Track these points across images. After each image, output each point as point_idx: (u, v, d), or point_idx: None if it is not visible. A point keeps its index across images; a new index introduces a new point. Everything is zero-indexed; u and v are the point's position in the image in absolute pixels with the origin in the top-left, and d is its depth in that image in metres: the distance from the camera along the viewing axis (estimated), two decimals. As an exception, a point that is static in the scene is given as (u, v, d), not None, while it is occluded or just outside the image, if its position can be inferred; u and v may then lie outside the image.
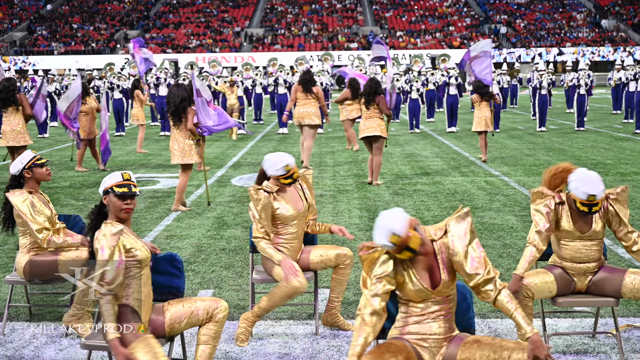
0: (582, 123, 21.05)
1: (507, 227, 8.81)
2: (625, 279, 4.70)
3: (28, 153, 5.60)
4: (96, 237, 4.10)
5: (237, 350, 5.23)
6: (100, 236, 4.07)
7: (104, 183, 4.26)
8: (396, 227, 3.55)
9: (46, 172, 5.65)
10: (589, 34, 60.91)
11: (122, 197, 4.20)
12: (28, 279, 5.50)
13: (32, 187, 5.58)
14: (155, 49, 59.26)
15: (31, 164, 5.55)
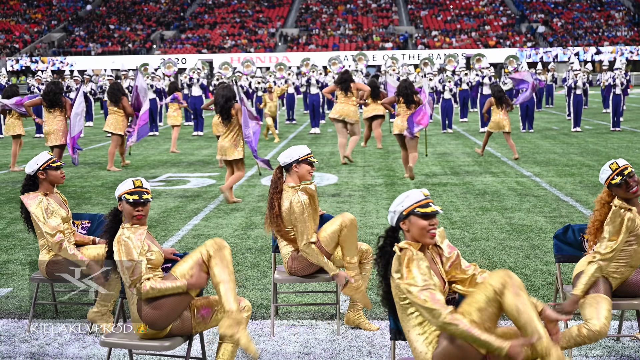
0: (617, 123, 20.73)
1: (536, 228, 8.71)
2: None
3: (44, 155, 5.64)
4: (118, 239, 4.21)
5: (258, 349, 5.24)
6: (124, 238, 4.19)
7: (117, 190, 4.43)
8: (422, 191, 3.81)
9: (60, 175, 5.66)
10: (628, 32, 59.95)
11: (133, 204, 4.30)
12: (50, 278, 5.57)
13: (47, 188, 5.61)
14: (190, 49, 59.77)
15: (46, 166, 5.57)
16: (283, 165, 5.52)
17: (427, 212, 3.69)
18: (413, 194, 3.78)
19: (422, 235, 3.71)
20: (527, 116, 21.24)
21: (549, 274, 6.80)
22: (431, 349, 3.59)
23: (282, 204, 5.47)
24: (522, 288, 3.53)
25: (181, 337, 4.35)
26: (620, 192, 4.61)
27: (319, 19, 65.94)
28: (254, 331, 5.59)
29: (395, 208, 3.80)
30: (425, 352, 3.60)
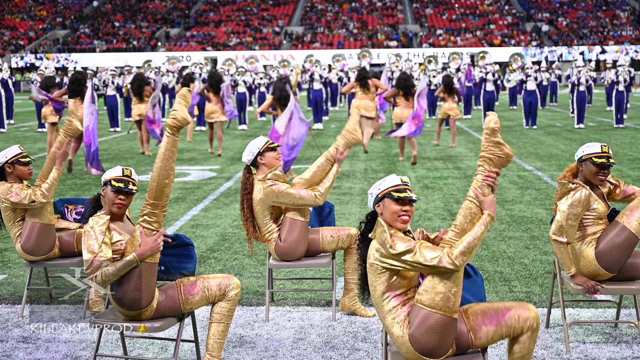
0: (621, 120, 20.64)
1: (537, 219, 8.66)
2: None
3: (15, 148, 5.52)
4: (84, 229, 4.16)
5: (252, 334, 5.21)
6: (88, 228, 4.13)
7: (105, 174, 4.36)
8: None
9: (27, 171, 5.53)
10: (633, 32, 59.77)
11: (117, 191, 4.25)
12: (31, 260, 5.54)
13: (14, 182, 5.50)
14: (195, 47, 59.78)
15: (14, 160, 5.47)
16: (249, 163, 5.45)
17: (401, 197, 3.67)
18: (391, 178, 3.78)
19: (394, 219, 3.68)
20: (530, 113, 21.17)
21: (547, 264, 6.75)
22: (406, 331, 3.57)
23: (254, 201, 5.41)
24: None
25: (173, 318, 4.31)
26: (588, 173, 4.69)
27: (324, 17, 65.88)
28: (249, 317, 5.56)
29: (372, 190, 3.80)
30: (402, 336, 3.59)
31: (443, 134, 18.91)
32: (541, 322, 5.22)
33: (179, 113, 4.15)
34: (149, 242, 4.08)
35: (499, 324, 3.60)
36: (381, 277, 3.61)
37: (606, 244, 4.61)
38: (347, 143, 5.60)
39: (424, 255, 3.49)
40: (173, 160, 4.13)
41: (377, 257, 3.61)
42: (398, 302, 3.61)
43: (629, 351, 4.76)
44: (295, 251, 5.41)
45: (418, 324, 3.54)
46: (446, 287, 3.50)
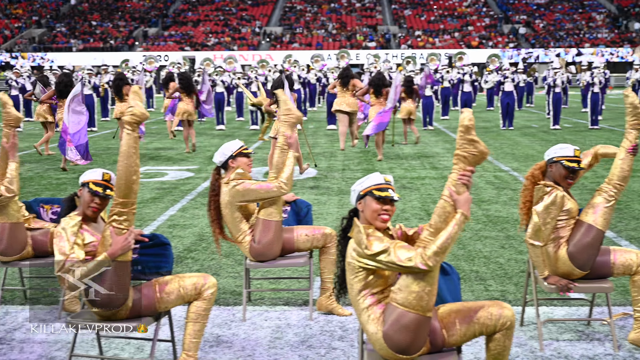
0: (596, 121, 20.85)
1: (512, 219, 8.74)
2: (613, 257, 4.69)
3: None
4: (56, 230, 4.14)
5: (229, 334, 5.22)
6: (60, 229, 4.12)
7: (84, 175, 4.34)
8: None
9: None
10: (608, 34, 60.39)
11: (94, 195, 4.24)
12: (4, 260, 5.49)
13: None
14: (173, 47, 59.54)
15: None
16: (219, 164, 5.44)
17: (382, 196, 3.70)
18: (374, 176, 3.81)
19: (374, 218, 3.72)
20: (507, 114, 21.33)
21: (522, 263, 6.82)
22: (380, 328, 3.60)
23: (221, 204, 5.39)
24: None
25: (150, 318, 4.30)
26: (558, 175, 4.75)
27: (303, 18, 65.89)
28: (226, 316, 5.56)
29: (355, 187, 3.83)
30: (376, 333, 3.61)
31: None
32: (516, 320, 5.28)
33: (136, 109, 4.14)
34: (119, 241, 4.07)
35: (472, 322, 3.64)
36: (358, 275, 3.64)
37: (576, 244, 4.68)
38: (290, 125, 5.62)
39: (398, 256, 3.51)
40: (137, 156, 4.11)
41: (354, 256, 3.64)
42: (374, 300, 3.64)
43: (601, 348, 4.83)
44: (270, 252, 5.41)
45: (392, 322, 3.57)
46: (420, 286, 3.53)
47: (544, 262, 4.71)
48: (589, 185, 10.71)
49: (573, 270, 4.68)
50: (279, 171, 5.45)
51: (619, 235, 7.84)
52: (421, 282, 3.53)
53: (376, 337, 3.61)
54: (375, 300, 3.65)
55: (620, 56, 56.08)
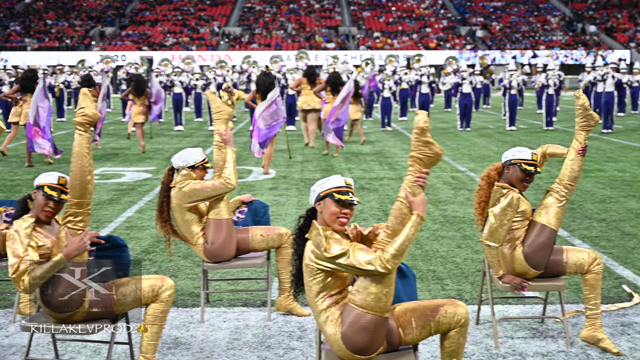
0: (550, 123, 21.21)
1: (469, 219, 8.85)
2: (566, 257, 4.79)
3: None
4: (9, 233, 4.09)
5: (187, 335, 5.20)
6: (12, 232, 4.07)
7: (40, 178, 4.29)
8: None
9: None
10: (563, 37, 61.42)
11: (49, 198, 4.20)
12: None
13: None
14: (130, 47, 58.94)
15: None
16: (176, 167, 5.42)
17: (342, 199, 3.72)
18: (335, 178, 3.82)
19: (332, 220, 3.73)
20: (465, 115, 21.57)
21: (478, 262, 6.92)
22: (338, 329, 3.63)
23: (171, 207, 5.37)
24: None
25: (107, 320, 4.27)
26: (514, 178, 4.83)
27: (262, 18, 65.75)
28: (184, 318, 5.54)
29: (315, 188, 3.84)
30: (334, 334, 3.64)
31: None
32: (471, 319, 5.37)
33: (88, 110, 4.12)
34: (75, 242, 4.04)
35: (427, 320, 3.69)
36: (316, 277, 3.66)
37: (531, 244, 4.77)
38: (222, 121, 5.68)
39: (358, 259, 3.53)
40: (90, 156, 4.09)
41: (312, 258, 3.65)
42: (332, 301, 3.67)
43: (554, 345, 4.93)
44: (224, 252, 5.40)
45: (350, 323, 3.60)
46: (378, 288, 3.57)
47: (499, 262, 4.79)
48: (544, 186, 10.89)
49: (528, 270, 4.77)
50: (221, 169, 5.48)
51: (572, 235, 8.00)
52: (379, 283, 3.56)
53: (334, 338, 3.64)
54: (333, 302, 3.67)
55: (575, 58, 57.07)
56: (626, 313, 5.52)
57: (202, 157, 5.44)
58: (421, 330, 3.69)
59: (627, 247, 7.44)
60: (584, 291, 4.82)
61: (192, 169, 5.39)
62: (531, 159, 4.81)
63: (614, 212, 9.22)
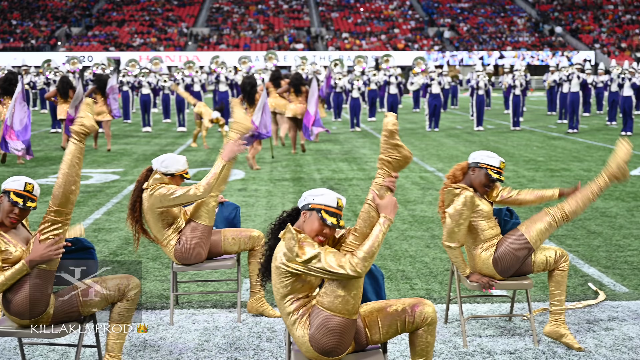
0: (517, 123, 21.44)
1: (437, 219, 8.92)
2: (534, 256, 4.85)
3: None
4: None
5: (156, 338, 5.18)
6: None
7: (6, 183, 4.24)
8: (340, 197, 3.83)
9: None
10: (529, 38, 62.12)
11: (14, 205, 4.15)
12: None
13: None
14: (97, 47, 58.41)
15: None
16: (155, 170, 5.29)
17: (326, 221, 3.71)
18: (330, 196, 3.77)
19: (311, 234, 3.72)
20: (433, 115, 21.71)
21: (446, 261, 6.98)
22: (306, 331, 3.64)
23: (143, 209, 5.31)
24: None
25: (76, 322, 4.23)
26: (477, 181, 4.88)
27: (230, 19, 65.56)
28: (153, 320, 5.51)
29: (308, 195, 3.79)
30: (302, 336, 3.66)
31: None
32: (440, 317, 5.42)
33: (86, 120, 4.09)
34: (39, 249, 3.99)
35: (393, 320, 3.71)
36: (284, 280, 3.66)
37: (504, 249, 4.80)
38: (237, 133, 5.49)
39: (329, 262, 3.54)
40: (79, 167, 4.06)
41: (284, 260, 3.64)
42: (300, 303, 3.68)
43: (521, 343, 4.99)
44: (195, 255, 5.36)
45: (318, 326, 3.61)
46: (346, 290, 3.58)
47: (463, 262, 4.84)
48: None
49: (494, 274, 4.82)
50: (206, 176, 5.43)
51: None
52: (347, 286, 3.58)
53: (302, 341, 3.65)
54: (301, 304, 3.68)
55: (541, 59, 57.73)
56: (592, 310, 5.61)
57: (184, 167, 5.32)
58: (387, 329, 3.71)
59: (593, 245, 7.56)
60: (550, 287, 4.89)
61: (170, 177, 5.31)
62: (498, 167, 4.85)
63: (580, 211, 9.34)
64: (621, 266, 6.77)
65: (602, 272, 6.58)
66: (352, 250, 3.65)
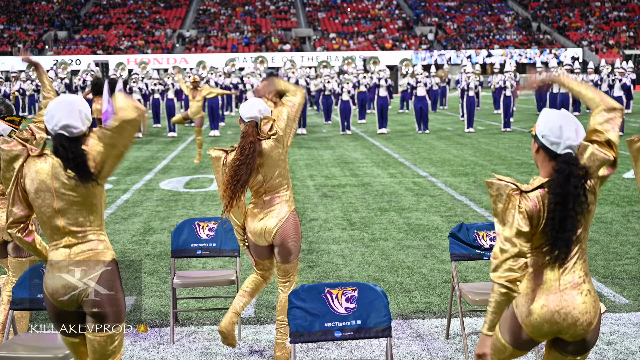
0: (508, 124, 21.50)
1: (433, 227, 8.92)
2: None
3: None
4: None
5: (157, 358, 5.15)
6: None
7: None
8: None
9: None
10: (517, 36, 62.29)
11: None
12: None
13: None
14: (85, 51, 58.17)
15: None
16: (260, 118, 4.86)
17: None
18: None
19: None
20: (422, 117, 21.72)
21: (445, 272, 6.97)
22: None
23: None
24: None
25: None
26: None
27: (217, 21, 65.40)
28: (153, 339, 5.48)
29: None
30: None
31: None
32: (441, 332, 5.42)
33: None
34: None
35: None
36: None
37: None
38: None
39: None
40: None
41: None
42: None
43: (523, 358, 4.98)
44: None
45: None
46: None
47: None
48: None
49: None
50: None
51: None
52: None
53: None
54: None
55: (529, 57, 57.89)
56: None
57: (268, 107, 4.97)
58: None
59: (590, 254, 7.56)
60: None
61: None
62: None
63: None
64: (620, 275, 6.78)
65: (601, 282, 6.59)
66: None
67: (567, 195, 3.13)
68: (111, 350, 3.58)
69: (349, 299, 3.94)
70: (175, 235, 5.65)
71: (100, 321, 3.53)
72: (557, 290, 3.19)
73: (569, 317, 3.17)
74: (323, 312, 3.90)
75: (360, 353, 5.13)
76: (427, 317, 5.82)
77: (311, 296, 3.92)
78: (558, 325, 3.19)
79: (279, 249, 4.88)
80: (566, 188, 3.13)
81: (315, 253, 7.78)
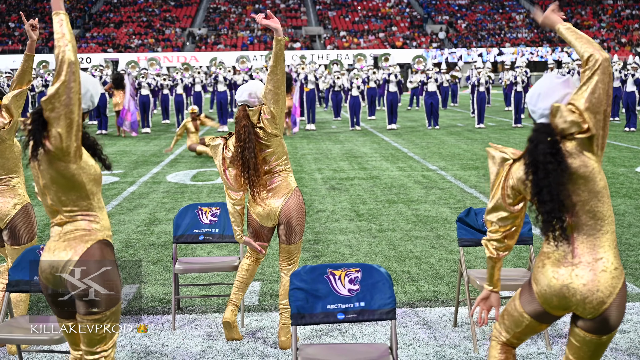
0: (519, 120, 21.32)
1: (441, 219, 8.79)
2: None
3: None
4: None
5: (158, 344, 5.05)
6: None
7: None
8: None
9: None
10: (528, 34, 61.98)
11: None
12: None
13: None
14: (95, 49, 58.28)
15: None
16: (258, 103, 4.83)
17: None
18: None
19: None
20: (432, 113, 21.57)
21: (453, 262, 6.85)
22: None
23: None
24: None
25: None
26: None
27: (227, 19, 65.40)
28: (155, 326, 5.38)
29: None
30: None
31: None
32: (449, 321, 5.29)
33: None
34: None
35: None
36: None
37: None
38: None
39: None
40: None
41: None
42: None
43: (534, 347, 4.85)
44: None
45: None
46: None
47: None
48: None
49: None
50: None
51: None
52: None
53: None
54: None
55: (540, 55, 57.59)
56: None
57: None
58: None
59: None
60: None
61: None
62: None
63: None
64: (632, 266, 6.64)
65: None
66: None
67: (537, 165, 3.02)
68: (101, 335, 3.43)
69: (353, 280, 3.82)
70: (178, 220, 5.55)
71: (89, 304, 3.39)
72: (570, 264, 3.06)
73: (577, 293, 3.04)
74: (325, 294, 3.78)
75: (365, 340, 5.01)
76: (435, 305, 5.69)
77: (313, 277, 3.80)
78: (567, 300, 3.06)
79: (284, 227, 4.84)
80: (536, 157, 3.03)
81: (322, 243, 7.67)
